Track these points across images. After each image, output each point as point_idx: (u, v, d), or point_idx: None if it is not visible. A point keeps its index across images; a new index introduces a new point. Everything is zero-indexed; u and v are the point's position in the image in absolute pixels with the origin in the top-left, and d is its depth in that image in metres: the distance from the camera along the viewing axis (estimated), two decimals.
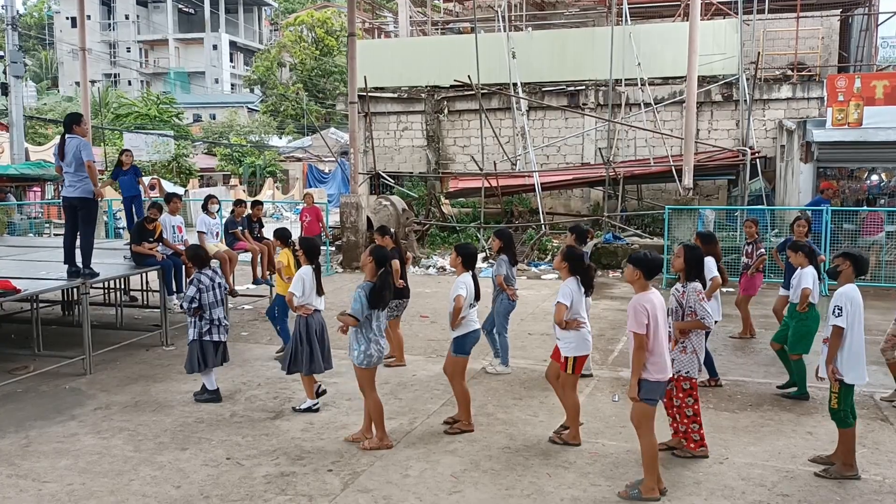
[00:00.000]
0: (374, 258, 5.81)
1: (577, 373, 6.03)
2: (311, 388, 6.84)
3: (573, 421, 6.05)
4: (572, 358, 5.93)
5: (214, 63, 67.76)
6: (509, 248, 7.97)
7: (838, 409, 5.36)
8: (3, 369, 7.95)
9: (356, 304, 5.69)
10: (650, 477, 5.03)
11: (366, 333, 5.75)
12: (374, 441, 5.92)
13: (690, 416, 5.72)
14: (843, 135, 14.63)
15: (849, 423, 5.38)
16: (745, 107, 17.79)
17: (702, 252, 6.02)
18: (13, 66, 20.90)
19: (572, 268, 5.99)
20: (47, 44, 63.18)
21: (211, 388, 7.16)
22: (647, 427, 5.04)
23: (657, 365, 4.99)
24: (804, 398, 7.17)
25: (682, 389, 5.68)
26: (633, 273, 5.07)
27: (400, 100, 20.92)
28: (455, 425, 6.32)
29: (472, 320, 6.19)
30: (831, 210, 13.01)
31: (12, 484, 5.33)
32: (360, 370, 5.84)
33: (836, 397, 5.35)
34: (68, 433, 6.33)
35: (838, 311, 5.29)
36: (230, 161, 38.76)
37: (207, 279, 7.14)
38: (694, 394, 5.73)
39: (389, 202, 16.79)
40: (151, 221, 9.77)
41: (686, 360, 5.67)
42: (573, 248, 6.53)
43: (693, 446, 5.74)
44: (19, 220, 18.69)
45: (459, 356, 6.22)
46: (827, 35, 19.77)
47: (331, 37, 49.59)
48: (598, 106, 19.31)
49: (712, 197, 18.88)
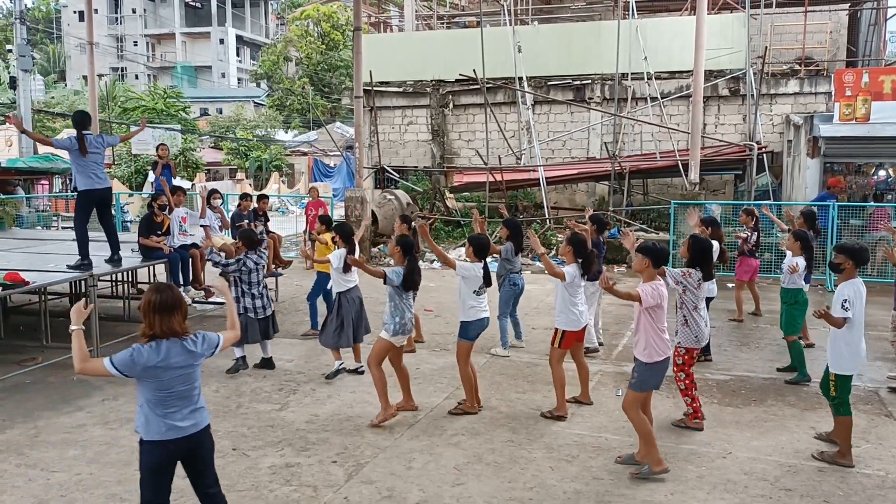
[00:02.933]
0: (401, 246, 6.23)
1: (564, 348, 6.44)
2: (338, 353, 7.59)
3: (559, 393, 6.44)
4: (561, 331, 6.38)
5: (221, 57, 67.78)
6: (517, 237, 8.42)
7: (836, 397, 5.52)
8: (12, 360, 8.03)
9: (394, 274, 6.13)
10: (652, 450, 5.20)
11: (400, 306, 6.19)
12: (380, 414, 6.28)
13: (682, 390, 6.17)
14: (851, 130, 14.56)
15: (845, 412, 5.53)
16: (752, 101, 17.73)
17: (709, 244, 6.17)
18: (21, 59, 20.97)
19: (576, 252, 6.35)
20: (55, 38, 63.31)
21: (239, 356, 7.79)
22: (633, 406, 5.28)
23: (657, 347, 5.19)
24: (806, 381, 7.38)
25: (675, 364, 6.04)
26: (641, 262, 5.21)
27: (405, 94, 20.92)
28: (459, 406, 6.61)
29: (479, 308, 6.43)
30: (838, 205, 12.96)
31: (21, 473, 5.40)
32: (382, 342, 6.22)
33: (834, 386, 5.50)
34: (76, 424, 6.39)
35: (846, 305, 5.38)
36: (236, 155, 38.82)
37: (252, 263, 7.65)
38: (686, 369, 6.13)
39: (394, 196, 16.82)
40: (161, 211, 9.86)
41: (682, 332, 6.06)
42: (577, 234, 6.82)
43: (689, 418, 6.20)
44: (27, 213, 18.79)
45: (463, 340, 6.48)
46: (835, 29, 19.66)
47: (337, 31, 49.56)
48: (605, 100, 19.26)
49: (719, 192, 18.84)
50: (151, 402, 3.71)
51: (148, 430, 3.72)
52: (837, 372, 5.48)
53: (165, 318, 3.67)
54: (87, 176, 8.15)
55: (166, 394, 3.70)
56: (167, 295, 3.71)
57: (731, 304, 10.67)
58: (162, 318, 3.66)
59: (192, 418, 3.79)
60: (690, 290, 5.95)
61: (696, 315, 6.01)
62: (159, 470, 3.77)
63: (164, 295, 3.70)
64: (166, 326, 3.67)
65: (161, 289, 3.75)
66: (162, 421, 3.70)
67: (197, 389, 3.85)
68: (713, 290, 7.84)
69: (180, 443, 3.75)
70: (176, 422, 3.73)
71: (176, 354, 3.69)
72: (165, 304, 3.67)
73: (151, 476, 3.77)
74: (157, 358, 3.63)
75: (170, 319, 3.68)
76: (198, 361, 3.81)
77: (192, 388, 3.80)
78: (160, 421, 3.70)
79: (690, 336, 6.07)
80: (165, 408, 3.71)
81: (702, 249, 6.01)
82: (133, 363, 3.60)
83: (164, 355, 3.65)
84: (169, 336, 3.69)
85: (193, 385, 3.81)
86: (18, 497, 5.02)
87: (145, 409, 3.72)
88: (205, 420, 3.88)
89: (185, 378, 3.76)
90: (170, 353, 3.67)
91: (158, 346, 3.66)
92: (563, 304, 6.38)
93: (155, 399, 3.69)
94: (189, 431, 3.78)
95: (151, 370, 3.63)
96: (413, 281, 6.22)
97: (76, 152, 8.06)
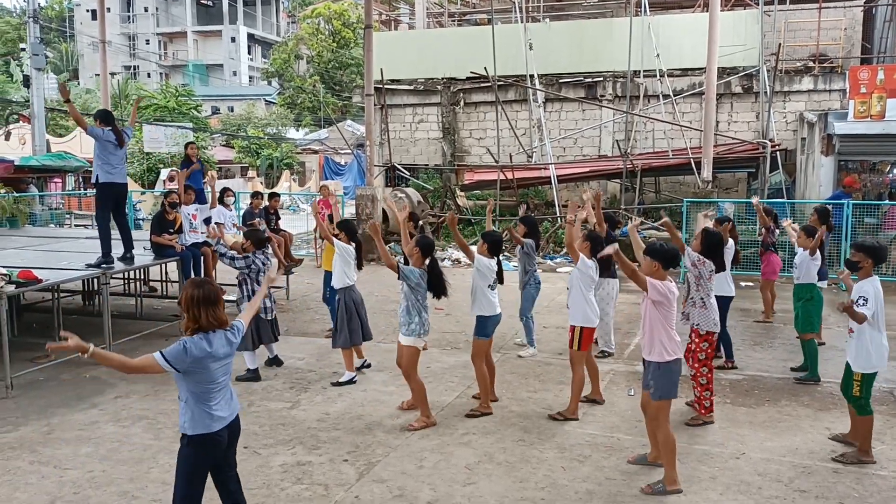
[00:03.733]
0: (420, 247, 6.13)
1: (584, 349, 6.38)
2: (351, 362, 7.42)
3: (575, 396, 6.41)
4: (579, 328, 6.33)
5: (232, 55, 68.03)
6: (534, 234, 8.43)
7: (859, 397, 5.44)
8: (26, 358, 8.07)
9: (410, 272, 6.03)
10: (670, 469, 5.05)
11: (418, 307, 6.10)
12: (422, 419, 6.23)
13: (703, 385, 6.17)
14: (866, 127, 14.42)
15: (868, 410, 5.48)
16: (766, 99, 17.59)
17: (720, 238, 6.33)
18: (35, 58, 21.07)
19: (594, 248, 6.35)
20: (68, 36, 63.67)
21: (252, 368, 7.56)
22: (663, 419, 5.07)
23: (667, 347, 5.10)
24: (815, 381, 7.32)
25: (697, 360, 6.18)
26: (651, 265, 5.07)
27: (416, 92, 20.90)
28: (474, 409, 6.55)
29: (493, 303, 6.44)
30: (852, 204, 12.85)
31: (34, 470, 5.42)
32: (410, 350, 6.12)
33: (857, 385, 5.43)
34: (89, 421, 6.43)
35: (863, 301, 5.33)
36: (248, 153, 38.92)
37: (260, 262, 7.53)
38: (709, 363, 6.19)
39: (405, 194, 16.81)
40: (173, 209, 9.88)
41: (700, 315, 6.15)
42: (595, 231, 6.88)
43: (704, 412, 6.23)
44: (41, 211, 18.91)
45: (481, 338, 6.47)
46: (850, 26, 19.45)
47: (348, 29, 49.58)
48: (616, 97, 19.16)
49: (731, 190, 18.70)
50: (197, 396, 3.77)
51: (194, 424, 3.78)
52: (863, 371, 5.41)
53: (211, 310, 3.78)
54: (110, 169, 8.16)
55: (212, 385, 3.78)
56: (208, 289, 3.82)
57: (745, 303, 10.60)
58: (208, 311, 3.77)
59: (230, 407, 3.92)
60: (704, 278, 6.12)
61: (711, 300, 6.17)
62: (204, 463, 3.85)
63: (206, 289, 3.82)
64: (213, 318, 3.77)
65: (201, 283, 3.87)
66: (207, 413, 3.78)
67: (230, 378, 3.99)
68: (731, 290, 7.70)
69: (223, 432, 3.85)
70: (220, 412, 3.83)
71: (221, 346, 3.79)
72: (209, 297, 3.78)
73: (196, 471, 3.83)
74: (209, 349, 3.72)
75: (215, 311, 3.79)
76: (235, 351, 3.93)
77: (229, 377, 3.94)
78: (206, 414, 3.77)
79: (710, 319, 6.16)
80: (210, 400, 3.79)
81: (713, 243, 6.23)
82: (186, 355, 3.66)
83: (213, 347, 3.75)
84: (216, 328, 3.79)
85: (229, 375, 3.95)
86: (32, 494, 5.05)
87: (191, 403, 3.77)
88: (238, 406, 4.02)
89: (226, 369, 3.88)
90: (217, 344, 3.77)
91: (207, 337, 3.76)
92: (578, 299, 6.36)
93: (200, 392, 3.76)
94: (229, 420, 3.89)
95: (201, 361, 3.70)
96: (442, 287, 6.12)
97: (110, 144, 8.07)
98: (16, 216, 13.59)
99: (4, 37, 59.76)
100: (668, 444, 5.05)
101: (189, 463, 3.81)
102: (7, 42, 58.55)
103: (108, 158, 8.14)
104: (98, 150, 8.14)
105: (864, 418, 5.50)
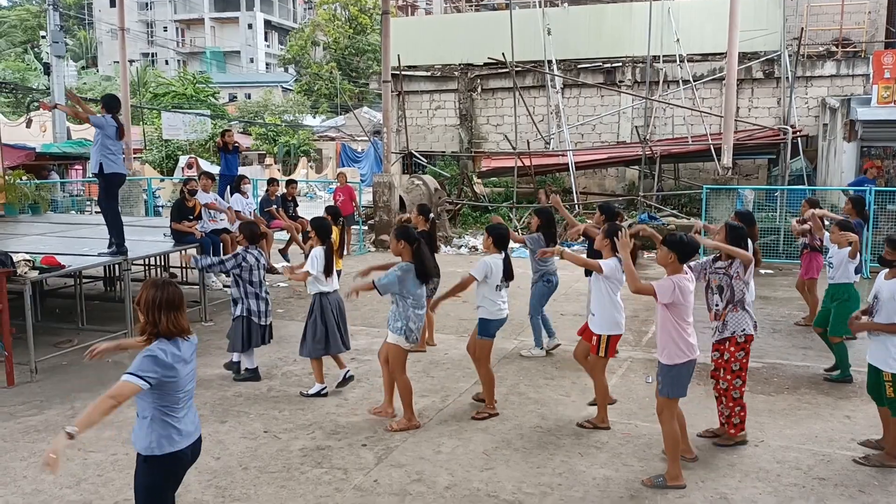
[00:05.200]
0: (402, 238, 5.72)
1: (610, 355, 5.94)
2: (320, 372, 6.73)
3: (601, 404, 5.97)
4: (605, 337, 5.82)
5: (249, 42, 68.17)
6: (548, 227, 7.72)
7: (894, 399, 5.21)
8: (49, 343, 8.20)
9: (385, 279, 5.67)
10: (673, 464, 4.97)
11: (404, 310, 5.72)
12: (402, 422, 5.93)
13: (737, 399, 5.54)
14: (889, 113, 14.20)
15: None
16: (787, 84, 17.37)
17: (745, 231, 5.75)
18: (55, 46, 21.28)
19: (614, 245, 5.66)
20: (86, 24, 64.09)
21: (251, 367, 7.20)
22: (668, 415, 4.98)
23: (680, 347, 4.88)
24: (847, 381, 7.04)
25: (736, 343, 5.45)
26: (666, 256, 4.87)
27: (433, 78, 20.84)
28: (480, 411, 6.24)
29: (498, 306, 6.06)
30: (875, 190, 12.67)
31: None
32: (395, 348, 5.83)
33: (890, 387, 5.19)
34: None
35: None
36: (265, 140, 39.05)
37: (253, 259, 6.96)
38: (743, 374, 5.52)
39: (422, 181, 16.81)
40: (192, 196, 9.97)
41: (737, 319, 5.44)
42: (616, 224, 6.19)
43: (734, 431, 5.60)
44: (62, 197, 19.13)
45: (484, 339, 6.15)
46: (874, 9, 19.11)
47: (364, 15, 49.45)
48: (636, 83, 19.01)
49: (752, 176, 18.54)
50: (162, 410, 3.40)
51: (160, 444, 3.39)
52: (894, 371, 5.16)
53: (173, 315, 3.40)
54: (115, 158, 8.12)
55: (180, 395, 3.43)
56: (171, 291, 3.43)
57: (764, 290, 10.50)
58: (169, 316, 3.38)
59: (195, 423, 3.58)
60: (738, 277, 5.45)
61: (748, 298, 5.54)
62: (170, 488, 3.53)
63: (169, 291, 3.42)
64: (174, 324, 3.40)
65: (162, 285, 3.44)
66: (174, 428, 3.42)
67: None
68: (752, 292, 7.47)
69: (187, 451, 3.50)
70: (186, 426, 3.48)
71: (187, 349, 3.47)
72: (171, 301, 3.41)
73: (159, 493, 3.47)
74: (178, 352, 3.39)
75: (177, 317, 3.41)
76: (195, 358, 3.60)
77: (193, 387, 3.58)
78: (173, 429, 3.42)
79: (749, 321, 5.48)
80: (177, 412, 3.43)
81: (738, 238, 5.57)
82: (156, 364, 3.29)
83: (181, 349, 3.42)
84: (174, 335, 3.41)
85: (194, 384, 3.59)
86: (58, 476, 5.14)
87: (156, 420, 3.39)
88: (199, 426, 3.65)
89: (193, 375, 3.55)
90: (184, 347, 3.45)
91: (173, 342, 3.40)
92: (602, 304, 5.82)
93: (165, 405, 3.40)
94: (195, 436, 3.56)
95: (173, 367, 3.35)
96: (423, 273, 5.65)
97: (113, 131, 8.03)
98: (38, 203, 13.75)
99: (25, 24, 60.23)
100: (671, 440, 4.97)
101: (156, 490, 3.43)
102: (27, 30, 59.02)
103: (110, 147, 8.01)
104: (101, 139, 7.99)
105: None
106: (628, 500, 4.80)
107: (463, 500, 4.79)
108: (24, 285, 7.09)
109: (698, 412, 6.11)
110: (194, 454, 3.59)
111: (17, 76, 40.62)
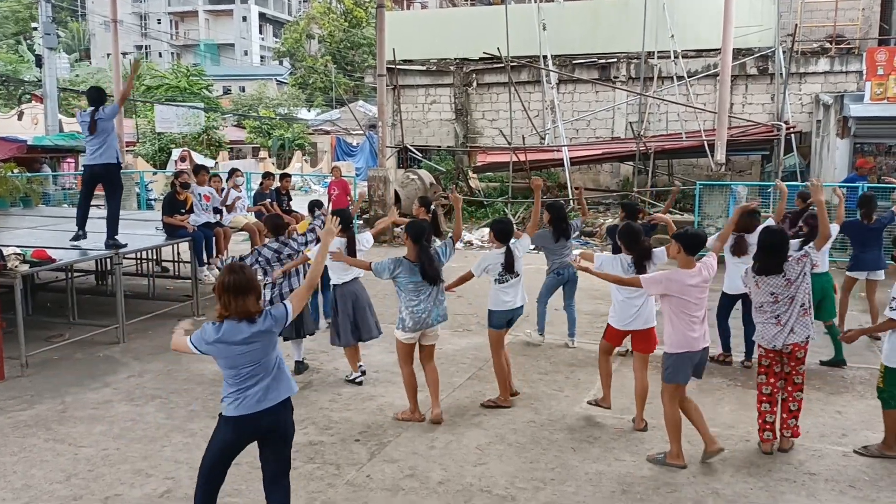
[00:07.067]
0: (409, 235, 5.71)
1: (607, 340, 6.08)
2: (354, 361, 6.89)
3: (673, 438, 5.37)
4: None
5: (244, 35, 67.85)
6: (559, 222, 7.68)
7: (884, 390, 5.30)
8: (40, 337, 8.15)
9: (379, 263, 5.73)
10: (674, 444, 5.16)
11: (401, 302, 5.77)
12: (406, 413, 6.01)
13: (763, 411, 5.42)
14: (882, 110, 14.23)
15: (893, 405, 5.32)
16: (781, 80, 17.39)
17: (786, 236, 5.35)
18: (47, 37, 21.10)
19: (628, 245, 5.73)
20: (79, 15, 63.67)
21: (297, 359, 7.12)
22: (668, 399, 5.15)
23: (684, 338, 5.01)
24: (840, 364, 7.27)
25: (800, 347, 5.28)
26: (674, 247, 5.10)
27: (428, 72, 20.79)
28: (489, 400, 6.34)
29: (503, 297, 6.12)
30: (868, 187, 12.70)
31: (49, 448, 5.50)
32: (396, 340, 5.89)
33: (881, 378, 5.28)
34: (103, 400, 6.50)
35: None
36: (259, 134, 38.92)
37: (269, 251, 6.82)
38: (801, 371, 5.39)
39: (417, 176, 16.78)
40: (184, 189, 9.91)
41: (805, 323, 5.24)
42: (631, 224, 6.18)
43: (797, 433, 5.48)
44: (54, 190, 19.02)
45: (491, 329, 6.28)
46: (868, 6, 19.12)
47: (360, 8, 49.26)
48: (630, 79, 19.00)
49: (745, 172, 18.57)
50: (225, 378, 3.82)
51: (227, 407, 3.81)
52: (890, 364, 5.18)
53: (240, 298, 3.71)
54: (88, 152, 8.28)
55: (235, 371, 3.77)
56: (242, 276, 3.74)
57: None
58: (237, 300, 3.71)
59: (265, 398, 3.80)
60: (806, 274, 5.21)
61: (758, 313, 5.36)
62: (224, 447, 3.85)
63: (239, 276, 3.74)
64: (240, 308, 3.71)
65: (231, 270, 3.79)
66: (234, 397, 3.77)
67: (271, 364, 3.84)
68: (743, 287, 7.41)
69: (252, 420, 3.78)
70: (247, 399, 3.77)
71: (238, 332, 3.71)
72: (238, 285, 3.72)
73: (218, 448, 3.85)
74: (216, 335, 3.70)
75: (245, 301, 3.72)
76: (260, 340, 3.76)
77: (259, 365, 3.79)
78: (234, 398, 3.78)
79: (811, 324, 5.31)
80: (234, 385, 3.78)
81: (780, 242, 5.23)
82: (202, 337, 3.74)
83: (221, 332, 3.70)
84: (241, 317, 3.72)
85: (259, 363, 3.79)
86: (48, 471, 5.12)
87: (225, 384, 3.83)
88: (281, 395, 3.86)
89: (249, 357, 3.75)
90: (230, 331, 3.70)
91: (222, 324, 3.72)
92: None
93: (226, 375, 3.80)
94: (261, 407, 3.79)
95: (213, 345, 3.71)
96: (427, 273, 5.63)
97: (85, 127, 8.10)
98: (29, 196, 13.67)
99: (16, 16, 59.82)
100: (671, 422, 5.16)
101: (215, 439, 3.87)
102: (19, 21, 58.63)
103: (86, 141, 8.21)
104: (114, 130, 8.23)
105: (889, 412, 5.30)
106: (620, 494, 4.81)
107: (456, 495, 4.79)
108: (14, 279, 7.05)
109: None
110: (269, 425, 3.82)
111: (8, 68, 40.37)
